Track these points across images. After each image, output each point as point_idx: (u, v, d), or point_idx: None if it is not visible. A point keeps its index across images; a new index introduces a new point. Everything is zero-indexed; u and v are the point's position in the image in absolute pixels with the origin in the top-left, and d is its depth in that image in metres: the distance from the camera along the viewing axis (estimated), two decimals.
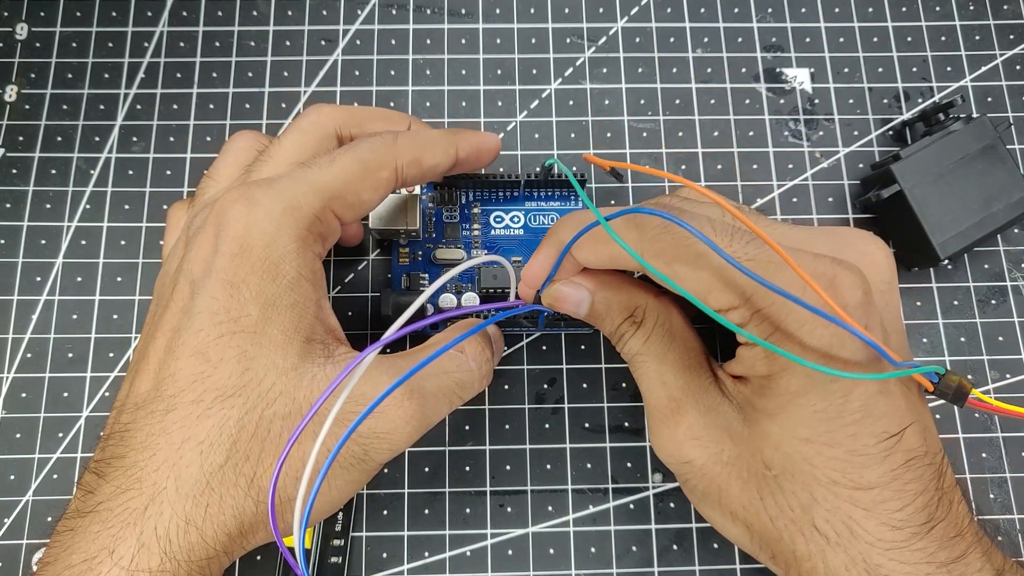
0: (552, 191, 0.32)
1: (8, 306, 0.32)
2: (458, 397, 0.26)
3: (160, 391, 0.22)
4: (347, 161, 0.25)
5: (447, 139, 0.28)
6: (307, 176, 0.25)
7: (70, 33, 0.36)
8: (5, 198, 0.34)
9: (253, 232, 0.23)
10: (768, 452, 0.23)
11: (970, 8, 0.37)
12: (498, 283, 0.30)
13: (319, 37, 0.36)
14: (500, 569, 0.30)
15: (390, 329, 0.22)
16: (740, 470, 0.23)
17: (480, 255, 0.32)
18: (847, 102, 0.35)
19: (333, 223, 0.25)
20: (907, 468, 0.21)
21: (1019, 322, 0.33)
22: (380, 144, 0.26)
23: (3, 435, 0.31)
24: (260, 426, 0.22)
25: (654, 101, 0.35)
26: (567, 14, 0.36)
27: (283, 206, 0.24)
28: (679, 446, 0.24)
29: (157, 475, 0.21)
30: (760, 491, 0.23)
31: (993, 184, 0.31)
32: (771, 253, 0.21)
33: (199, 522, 0.21)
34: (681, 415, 0.25)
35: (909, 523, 0.21)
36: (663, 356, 0.26)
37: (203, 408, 0.22)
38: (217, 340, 0.22)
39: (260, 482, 0.22)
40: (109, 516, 0.21)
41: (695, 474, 0.24)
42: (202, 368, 0.22)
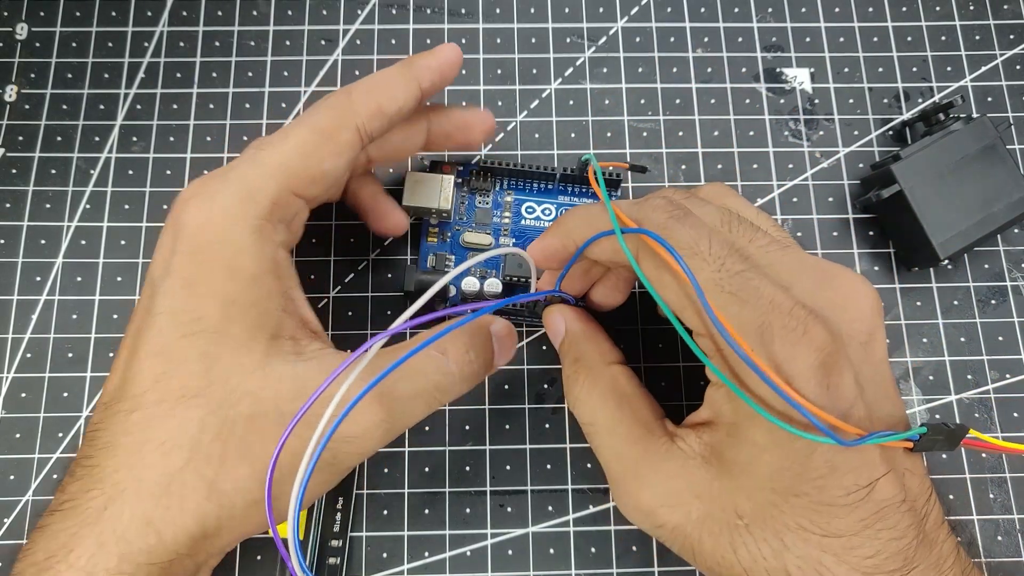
0: (586, 188, 0.33)
1: (8, 306, 0.32)
2: (436, 400, 0.25)
3: (125, 391, 0.22)
4: (301, 132, 0.24)
5: (404, 75, 0.26)
6: (262, 158, 0.24)
7: (70, 33, 0.36)
8: (5, 198, 0.34)
9: (208, 229, 0.23)
10: (740, 502, 0.22)
11: (970, 8, 0.37)
12: (522, 272, 0.30)
13: (319, 37, 0.36)
14: (500, 569, 0.30)
15: (397, 320, 0.22)
16: (711, 526, 0.23)
17: (508, 243, 0.32)
18: (847, 102, 0.35)
19: (295, 204, 0.24)
20: (879, 517, 0.21)
21: (1019, 322, 0.33)
22: (333, 104, 0.25)
23: (3, 435, 0.31)
24: (223, 428, 0.21)
25: (654, 101, 0.35)
26: (567, 14, 0.36)
27: (238, 197, 0.23)
28: (645, 514, 0.24)
29: (117, 475, 0.21)
30: (732, 543, 0.22)
31: (993, 184, 0.31)
32: (758, 287, 0.21)
33: (159, 523, 0.21)
34: (642, 486, 0.24)
35: (880, 569, 0.21)
36: (614, 428, 0.25)
37: (166, 409, 0.22)
38: (179, 340, 0.22)
39: (222, 485, 0.21)
40: (72, 515, 0.21)
41: (666, 536, 0.24)
42: (164, 368, 0.22)
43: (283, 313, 0.23)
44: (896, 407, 0.23)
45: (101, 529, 0.21)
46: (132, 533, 0.21)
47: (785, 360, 0.20)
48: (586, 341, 0.27)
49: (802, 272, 0.23)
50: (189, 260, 0.23)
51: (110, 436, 0.22)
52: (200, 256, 0.23)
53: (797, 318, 0.21)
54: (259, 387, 0.22)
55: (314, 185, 0.25)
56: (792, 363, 0.20)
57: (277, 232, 0.24)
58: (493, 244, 0.32)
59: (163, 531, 0.21)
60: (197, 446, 0.21)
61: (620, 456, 0.24)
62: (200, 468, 0.21)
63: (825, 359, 0.21)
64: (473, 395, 0.31)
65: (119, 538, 0.21)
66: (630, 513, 0.24)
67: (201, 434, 0.21)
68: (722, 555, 0.22)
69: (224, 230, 0.23)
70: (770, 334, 0.21)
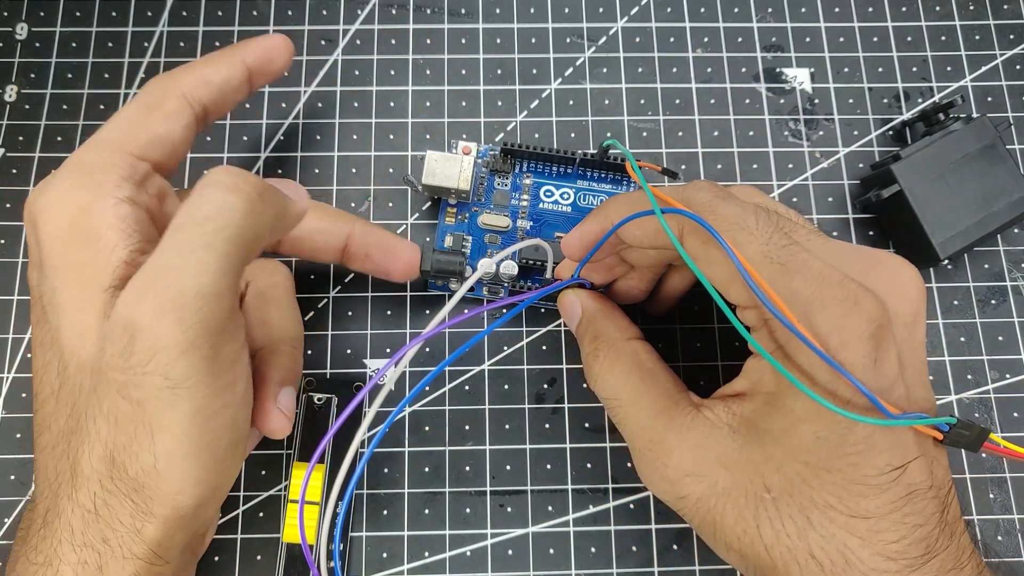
0: (605, 173, 0.33)
1: (8, 306, 0.32)
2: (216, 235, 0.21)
3: (36, 388, 0.24)
4: (129, 109, 0.26)
5: (227, 51, 0.28)
6: (92, 138, 0.25)
7: (70, 33, 0.36)
8: (5, 198, 0.34)
9: (48, 209, 0.23)
10: (769, 474, 0.22)
11: (970, 8, 0.37)
12: (538, 256, 0.30)
13: (319, 37, 0.36)
14: (500, 569, 0.30)
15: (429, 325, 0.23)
16: (736, 498, 0.22)
17: (526, 225, 0.32)
18: (847, 102, 0.35)
19: (139, 165, 0.24)
20: (907, 501, 0.21)
21: (1019, 322, 0.33)
22: (156, 80, 0.27)
23: (3, 435, 0.31)
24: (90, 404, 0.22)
25: (654, 101, 0.35)
26: (567, 14, 0.36)
27: (71, 172, 0.23)
28: (670, 484, 0.24)
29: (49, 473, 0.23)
30: (756, 518, 0.22)
31: (993, 184, 0.31)
32: (807, 260, 0.21)
33: (94, 508, 0.21)
34: (668, 455, 0.24)
35: (904, 555, 0.21)
36: (637, 400, 0.25)
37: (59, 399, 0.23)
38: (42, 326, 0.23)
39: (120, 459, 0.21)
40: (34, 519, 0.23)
41: (689, 508, 0.24)
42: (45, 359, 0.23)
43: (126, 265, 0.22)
44: (929, 394, 0.23)
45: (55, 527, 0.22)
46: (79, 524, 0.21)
47: (835, 330, 0.21)
48: (604, 319, 0.27)
49: (846, 255, 0.23)
50: (42, 246, 0.23)
51: (40, 436, 0.23)
52: (48, 238, 0.23)
53: (848, 289, 0.21)
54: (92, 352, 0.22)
55: (152, 147, 0.25)
56: (842, 332, 0.21)
57: (122, 190, 0.23)
58: (511, 226, 0.32)
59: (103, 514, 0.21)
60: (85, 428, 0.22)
61: (644, 428, 0.25)
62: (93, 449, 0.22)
63: (875, 331, 0.21)
64: (473, 395, 0.31)
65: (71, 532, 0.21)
66: (655, 484, 0.24)
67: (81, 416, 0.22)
68: (744, 529, 0.22)
69: (61, 203, 0.23)
70: (821, 303, 0.21)
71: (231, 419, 0.22)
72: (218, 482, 0.23)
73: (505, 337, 0.32)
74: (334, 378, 0.32)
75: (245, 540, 0.30)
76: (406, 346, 0.24)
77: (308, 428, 0.30)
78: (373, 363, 0.32)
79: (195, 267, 0.20)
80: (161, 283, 0.20)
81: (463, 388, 0.32)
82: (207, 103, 0.27)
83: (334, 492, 0.23)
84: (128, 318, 0.20)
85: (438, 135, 0.35)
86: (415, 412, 0.31)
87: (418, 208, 0.34)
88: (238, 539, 0.30)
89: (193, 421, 0.21)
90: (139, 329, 0.20)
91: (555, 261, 0.30)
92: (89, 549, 0.21)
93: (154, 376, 0.20)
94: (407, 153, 0.34)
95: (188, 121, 0.26)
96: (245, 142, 0.34)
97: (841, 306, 0.21)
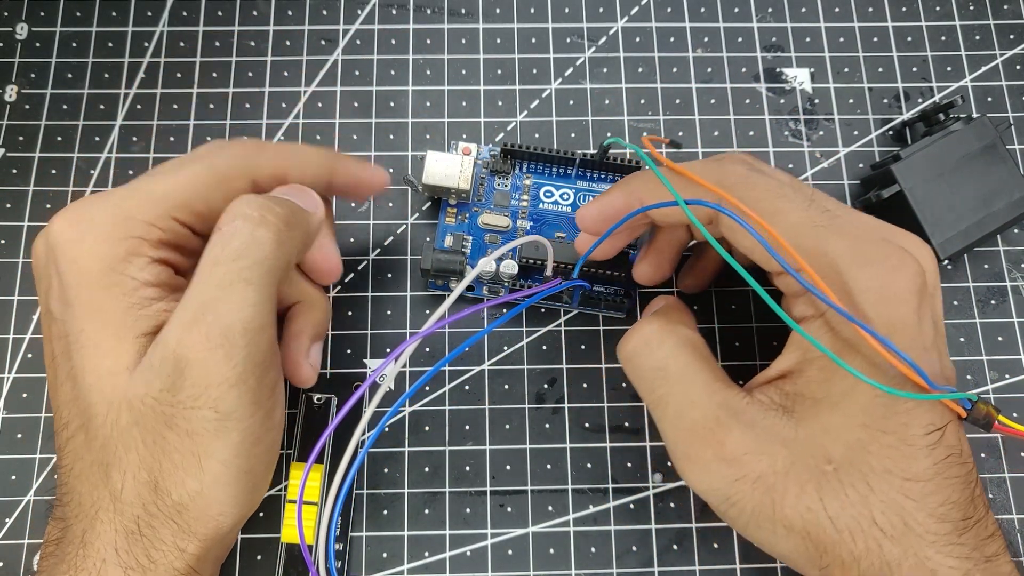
0: (605, 173, 0.33)
1: (9, 306, 0.32)
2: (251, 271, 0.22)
3: (62, 419, 0.23)
4: (197, 169, 0.24)
5: (323, 161, 0.27)
6: (144, 185, 0.24)
7: (70, 33, 0.36)
8: (5, 198, 0.34)
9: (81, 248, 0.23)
10: (829, 445, 0.22)
11: (970, 8, 0.37)
12: (538, 254, 0.30)
13: (319, 37, 0.36)
14: (500, 569, 0.30)
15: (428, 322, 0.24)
16: (797, 474, 0.22)
17: (526, 225, 0.32)
18: (847, 102, 0.35)
19: (180, 231, 0.24)
20: (948, 464, 0.22)
21: (1019, 322, 0.33)
22: (240, 151, 0.25)
23: (4, 435, 0.31)
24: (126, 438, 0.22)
25: (654, 101, 0.35)
26: (567, 14, 0.36)
27: (111, 218, 0.23)
28: (728, 465, 0.23)
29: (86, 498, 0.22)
30: (820, 491, 0.22)
31: (993, 184, 0.31)
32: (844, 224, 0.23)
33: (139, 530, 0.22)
34: (726, 432, 0.23)
35: (950, 517, 0.21)
36: (690, 377, 0.24)
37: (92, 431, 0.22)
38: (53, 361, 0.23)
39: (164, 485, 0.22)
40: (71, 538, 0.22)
41: (746, 492, 0.23)
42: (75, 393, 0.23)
43: (166, 313, 0.23)
44: (950, 365, 0.24)
45: (97, 547, 0.22)
46: (123, 543, 0.22)
47: (881, 286, 0.22)
48: (672, 308, 0.27)
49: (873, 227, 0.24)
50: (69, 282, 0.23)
51: (70, 463, 0.23)
52: (78, 276, 0.23)
53: (888, 248, 0.22)
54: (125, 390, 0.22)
55: (199, 220, 0.24)
56: (887, 288, 0.22)
57: (158, 252, 0.24)
58: (511, 226, 0.32)
59: (147, 534, 0.22)
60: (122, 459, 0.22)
61: (697, 404, 0.24)
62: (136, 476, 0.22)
63: (920, 288, 0.22)
64: (473, 395, 0.32)
65: (115, 551, 0.22)
66: (707, 467, 0.23)
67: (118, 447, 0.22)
68: (807, 506, 0.22)
69: (96, 248, 0.23)
70: (864, 261, 0.22)
71: (272, 443, 0.23)
72: (255, 501, 0.24)
73: (505, 337, 0.32)
74: (334, 378, 0.32)
75: (245, 540, 0.30)
76: (404, 343, 0.24)
77: (307, 428, 0.30)
78: (373, 363, 0.32)
79: (237, 303, 0.21)
80: (207, 319, 0.21)
81: (463, 388, 0.32)
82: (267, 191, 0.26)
83: (332, 492, 0.23)
84: (178, 354, 0.21)
85: (438, 135, 0.35)
86: (415, 412, 0.31)
87: (418, 208, 0.34)
88: (238, 539, 0.30)
89: (239, 450, 0.22)
90: (189, 364, 0.21)
91: (555, 260, 0.30)
92: (133, 569, 0.22)
93: (204, 410, 0.21)
94: (407, 153, 0.34)
95: None
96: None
97: (884, 263, 0.22)
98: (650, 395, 0.25)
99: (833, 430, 0.22)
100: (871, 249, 0.22)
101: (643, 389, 0.25)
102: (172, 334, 0.21)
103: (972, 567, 0.21)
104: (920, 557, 0.21)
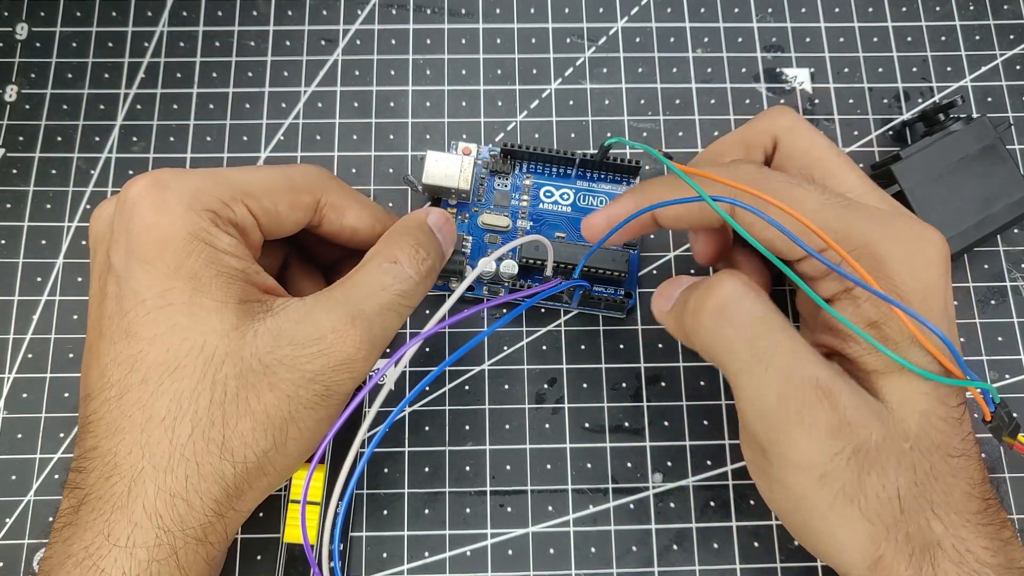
0: (605, 174, 0.33)
1: (9, 306, 0.32)
2: (404, 307, 0.26)
3: (107, 378, 0.23)
4: (273, 173, 0.26)
5: (380, 215, 0.28)
6: (223, 172, 0.25)
7: (70, 33, 0.36)
8: (5, 198, 0.34)
9: (161, 212, 0.23)
10: (908, 418, 0.22)
11: (970, 8, 0.37)
12: (538, 254, 0.30)
13: (319, 37, 0.36)
14: (500, 569, 0.30)
15: (428, 324, 0.24)
16: (887, 451, 0.21)
17: (526, 225, 0.32)
18: (847, 102, 0.35)
19: (247, 218, 0.25)
20: (971, 441, 0.22)
21: (1019, 322, 0.33)
22: (314, 172, 0.27)
23: (4, 435, 0.31)
24: (215, 391, 0.22)
25: (654, 101, 0.35)
26: (567, 14, 0.36)
27: (192, 189, 0.24)
28: (833, 433, 0.21)
29: (131, 457, 0.22)
30: (898, 471, 0.21)
31: (993, 184, 0.31)
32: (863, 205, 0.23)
33: (183, 493, 0.22)
34: (839, 394, 0.21)
35: (977, 495, 0.22)
36: (789, 329, 0.22)
37: (153, 386, 0.22)
38: (145, 318, 0.23)
39: (231, 444, 0.22)
40: (99, 504, 0.22)
41: (841, 468, 0.21)
42: (139, 347, 0.23)
43: (246, 284, 0.24)
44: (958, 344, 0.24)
45: (132, 510, 0.22)
46: (162, 507, 0.22)
47: (908, 256, 0.22)
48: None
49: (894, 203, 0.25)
50: (146, 241, 0.23)
51: (110, 423, 0.23)
52: (157, 236, 0.23)
53: (911, 223, 0.23)
54: (237, 346, 0.23)
55: (266, 216, 0.26)
56: (915, 258, 0.22)
57: (229, 227, 0.24)
58: (511, 226, 0.32)
59: (190, 500, 0.22)
60: (197, 414, 0.22)
61: (810, 360, 0.22)
62: (207, 433, 0.22)
63: (947, 256, 0.23)
64: (473, 395, 0.32)
65: (151, 514, 0.22)
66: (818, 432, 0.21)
67: (197, 402, 0.22)
68: (883, 485, 0.21)
69: (178, 213, 0.23)
70: (890, 235, 0.22)
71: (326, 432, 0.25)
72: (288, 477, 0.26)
73: (505, 337, 0.32)
74: None
75: (245, 540, 0.30)
76: (405, 346, 0.24)
77: None
78: None
79: (389, 327, 0.25)
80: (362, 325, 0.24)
81: (463, 388, 0.32)
82: (326, 225, 0.28)
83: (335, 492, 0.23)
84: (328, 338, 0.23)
85: (438, 135, 0.35)
86: (415, 412, 0.31)
87: (418, 206, 0.34)
88: (239, 539, 0.30)
89: (318, 425, 0.24)
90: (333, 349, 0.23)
91: (555, 260, 0.30)
92: (167, 532, 0.22)
93: (317, 384, 0.23)
94: (407, 153, 0.34)
95: (305, 220, 0.27)
96: (245, 142, 0.34)
97: (909, 236, 0.23)
98: (751, 348, 0.22)
99: (906, 399, 0.22)
100: (897, 223, 0.23)
101: (739, 342, 0.22)
102: (327, 319, 0.23)
103: (997, 547, 0.22)
104: (959, 536, 0.22)
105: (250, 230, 0.25)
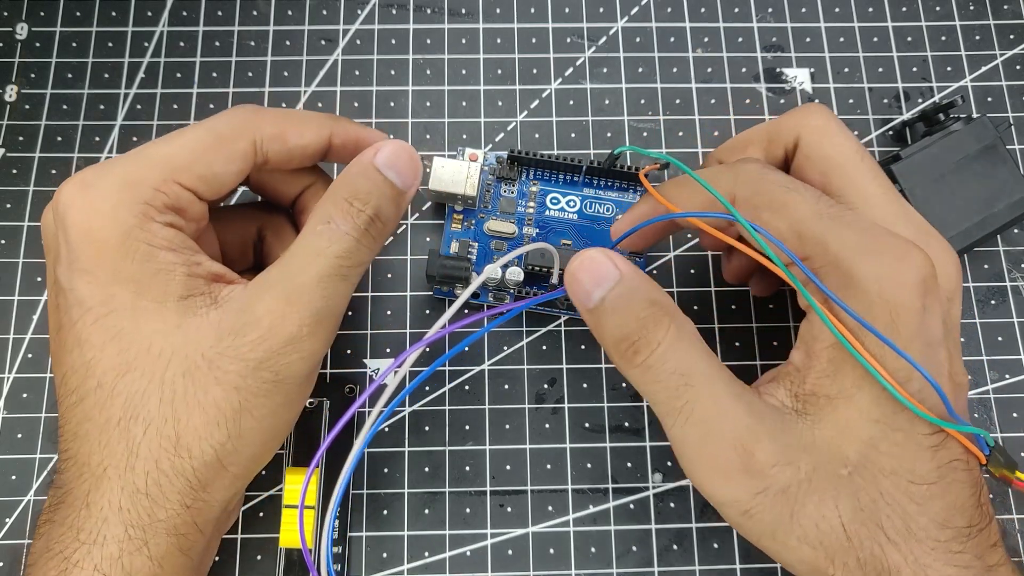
0: (612, 181, 0.33)
1: (9, 306, 0.32)
2: (348, 268, 0.24)
3: (67, 385, 0.23)
4: (198, 132, 0.25)
5: (322, 121, 0.27)
6: (147, 151, 0.25)
7: (70, 33, 0.36)
8: (5, 198, 0.34)
9: (92, 216, 0.23)
10: (845, 446, 0.22)
11: (970, 8, 0.37)
12: (544, 262, 0.30)
13: (319, 37, 0.36)
14: (500, 569, 0.30)
15: (430, 331, 0.24)
16: (818, 482, 0.22)
17: (532, 232, 0.32)
18: (847, 102, 0.35)
19: (184, 195, 0.24)
20: (952, 468, 0.21)
21: (1019, 322, 0.33)
22: (239, 114, 0.26)
23: (4, 435, 0.31)
24: (164, 390, 0.23)
25: (654, 101, 0.35)
26: (567, 14, 0.36)
27: (118, 185, 0.23)
28: (754, 477, 0.22)
29: (94, 458, 0.23)
30: (836, 497, 0.22)
31: (993, 184, 0.31)
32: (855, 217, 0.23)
33: (145, 488, 0.22)
34: (755, 443, 0.22)
35: (952, 523, 0.21)
36: (713, 380, 0.22)
37: (108, 390, 0.23)
38: (93, 326, 0.23)
39: (185, 439, 0.23)
40: (73, 501, 0.23)
41: (767, 504, 0.22)
42: (91, 354, 0.23)
43: (188, 277, 0.24)
44: (963, 370, 0.23)
45: (100, 507, 0.22)
46: (127, 503, 0.22)
47: (887, 274, 0.21)
48: (653, 284, 0.24)
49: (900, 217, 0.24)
50: (82, 250, 0.23)
51: (74, 427, 0.23)
52: (90, 243, 0.23)
53: (896, 241, 0.22)
54: (181, 344, 0.23)
55: (202, 183, 0.25)
56: (893, 277, 0.21)
57: (165, 216, 0.24)
58: (517, 233, 0.32)
59: (152, 494, 0.22)
60: (149, 413, 0.23)
61: (726, 413, 0.22)
62: (160, 430, 0.23)
63: (926, 278, 0.22)
64: (473, 395, 0.32)
65: (117, 510, 0.22)
66: (732, 478, 0.22)
67: (147, 402, 0.23)
68: (823, 514, 0.21)
69: (107, 215, 0.23)
70: (872, 250, 0.22)
71: (294, 416, 0.25)
72: (262, 465, 0.25)
73: (505, 337, 0.32)
74: (332, 379, 0.32)
75: (245, 540, 0.30)
76: (406, 351, 0.24)
77: (299, 431, 0.30)
78: (373, 363, 0.32)
79: (332, 294, 0.24)
80: (302, 300, 0.23)
81: (463, 388, 0.32)
82: (272, 157, 0.26)
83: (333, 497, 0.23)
84: (265, 323, 0.23)
85: (438, 135, 0.35)
86: (415, 412, 0.31)
87: (418, 208, 0.34)
88: (238, 539, 0.30)
89: (278, 412, 0.24)
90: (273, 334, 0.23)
91: (561, 267, 0.30)
92: (135, 527, 0.22)
93: (265, 371, 0.23)
94: None
95: (246, 167, 0.26)
96: None
97: (891, 253, 0.22)
98: (671, 403, 0.23)
99: (848, 428, 0.22)
100: (878, 240, 0.22)
101: (662, 394, 0.23)
102: (262, 305, 0.23)
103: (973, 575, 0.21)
104: (920, 564, 0.21)
105: (188, 204, 0.25)
